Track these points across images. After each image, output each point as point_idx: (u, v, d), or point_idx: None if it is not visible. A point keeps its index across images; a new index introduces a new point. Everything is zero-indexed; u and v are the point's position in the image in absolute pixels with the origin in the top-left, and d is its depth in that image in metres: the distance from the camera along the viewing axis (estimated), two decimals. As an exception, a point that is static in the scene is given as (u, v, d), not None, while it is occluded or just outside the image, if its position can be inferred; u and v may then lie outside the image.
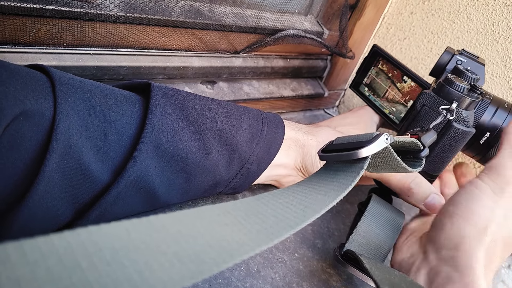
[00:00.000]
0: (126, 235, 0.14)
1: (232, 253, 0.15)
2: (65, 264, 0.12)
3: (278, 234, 0.17)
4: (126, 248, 0.13)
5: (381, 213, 0.33)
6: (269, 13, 0.45)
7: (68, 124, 0.23)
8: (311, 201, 0.21)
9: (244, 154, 0.31)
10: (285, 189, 0.24)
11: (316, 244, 0.36)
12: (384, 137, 0.23)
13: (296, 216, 0.19)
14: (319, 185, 0.23)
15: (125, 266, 0.13)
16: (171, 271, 0.13)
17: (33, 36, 0.31)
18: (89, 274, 0.12)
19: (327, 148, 0.26)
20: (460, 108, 0.31)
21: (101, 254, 0.13)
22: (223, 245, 0.15)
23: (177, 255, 0.14)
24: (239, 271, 0.31)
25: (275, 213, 0.19)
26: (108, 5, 0.33)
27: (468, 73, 0.33)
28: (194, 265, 0.14)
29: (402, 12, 0.52)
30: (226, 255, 0.15)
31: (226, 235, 0.16)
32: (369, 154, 0.23)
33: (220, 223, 0.17)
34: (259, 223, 0.18)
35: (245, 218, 0.18)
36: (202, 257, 0.14)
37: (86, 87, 0.25)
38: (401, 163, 0.25)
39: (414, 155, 0.27)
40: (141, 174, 0.26)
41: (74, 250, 0.13)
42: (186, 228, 0.16)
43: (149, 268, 0.13)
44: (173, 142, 0.27)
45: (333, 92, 0.59)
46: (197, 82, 0.44)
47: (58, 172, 0.23)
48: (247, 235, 0.16)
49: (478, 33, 0.45)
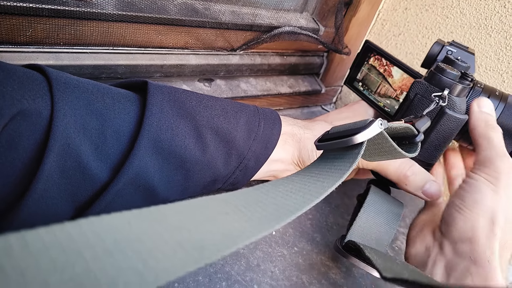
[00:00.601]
0: (127, 226, 0.14)
1: (234, 239, 0.15)
2: (68, 254, 0.12)
3: (279, 220, 0.17)
4: (128, 239, 0.14)
5: (381, 203, 0.33)
6: (264, 10, 0.45)
7: (66, 122, 0.23)
8: (310, 187, 0.21)
9: (241, 150, 0.31)
10: (284, 179, 0.24)
11: (315, 238, 0.37)
12: (378, 122, 0.24)
13: (296, 202, 0.19)
14: (317, 173, 0.24)
15: (128, 256, 0.13)
16: (174, 259, 0.13)
17: (30, 36, 0.31)
18: (93, 264, 0.12)
19: (323, 138, 0.27)
20: (452, 95, 0.32)
21: (104, 245, 0.13)
22: (224, 232, 0.15)
23: (179, 243, 0.14)
24: (239, 265, 0.31)
25: (275, 201, 0.19)
26: (104, 4, 0.33)
27: (459, 62, 0.33)
28: (196, 252, 0.14)
29: (397, 8, 0.52)
30: (228, 241, 0.15)
31: (227, 223, 0.16)
32: (364, 140, 0.23)
33: (221, 212, 0.17)
34: (259, 211, 0.18)
35: (245, 206, 0.18)
36: (204, 244, 0.14)
37: (83, 86, 0.26)
38: (397, 148, 0.25)
39: (409, 140, 0.27)
40: (139, 172, 0.26)
41: (76, 240, 0.13)
42: (187, 218, 0.16)
43: (152, 257, 0.13)
44: (171, 139, 0.27)
45: (330, 88, 0.59)
46: (195, 80, 0.44)
47: (57, 170, 0.23)
48: (248, 222, 0.17)
49: (471, 27, 0.46)
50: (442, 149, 0.35)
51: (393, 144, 0.25)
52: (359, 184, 0.46)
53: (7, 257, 0.11)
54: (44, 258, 0.12)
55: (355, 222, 0.32)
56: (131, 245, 0.13)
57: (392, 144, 0.25)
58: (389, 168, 0.35)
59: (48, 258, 0.12)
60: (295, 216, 0.18)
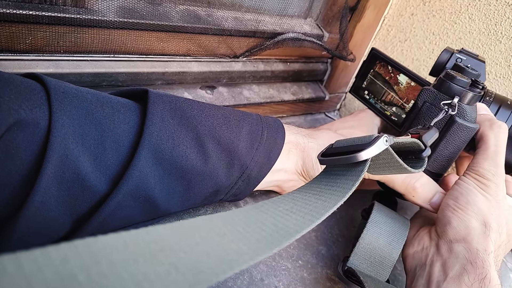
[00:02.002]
0: (123, 247, 0.14)
1: (231, 263, 0.15)
2: (62, 276, 0.12)
3: (278, 243, 0.17)
4: (124, 260, 0.13)
5: (385, 223, 0.32)
6: (268, 16, 0.44)
7: (64, 133, 0.23)
8: (311, 207, 0.21)
9: (244, 159, 0.30)
10: (285, 196, 0.23)
11: (320, 251, 0.35)
12: (384, 139, 0.23)
13: (296, 223, 0.19)
14: (319, 191, 0.23)
15: (123, 278, 0.13)
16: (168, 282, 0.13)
17: (30, 43, 0.30)
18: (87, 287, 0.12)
19: (326, 152, 0.26)
20: (462, 103, 0.31)
21: (99, 267, 0.13)
22: (221, 255, 0.15)
23: (174, 265, 0.14)
24: (242, 280, 0.30)
25: (275, 221, 0.19)
26: (105, 11, 0.32)
27: (469, 69, 0.32)
28: (192, 275, 0.13)
29: (403, 14, 0.51)
30: (224, 265, 0.14)
31: (225, 245, 0.16)
32: (368, 157, 0.23)
33: (219, 233, 0.17)
34: (258, 231, 0.18)
35: (243, 227, 0.18)
36: (200, 267, 0.14)
37: (82, 95, 0.25)
38: (402, 164, 0.24)
39: (415, 155, 0.26)
40: (139, 183, 0.25)
41: (71, 262, 0.12)
42: (184, 239, 0.16)
43: (147, 279, 0.13)
44: (172, 149, 0.27)
45: (334, 95, 0.59)
46: (197, 87, 0.43)
47: (55, 182, 0.23)
48: (246, 245, 0.16)
49: (480, 33, 0.45)
50: (452, 160, 0.33)
51: (399, 160, 0.24)
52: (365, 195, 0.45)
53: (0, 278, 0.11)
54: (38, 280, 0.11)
55: (358, 243, 0.31)
56: (126, 267, 0.13)
57: (398, 160, 0.24)
58: (396, 179, 0.34)
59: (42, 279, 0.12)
60: (294, 239, 0.17)
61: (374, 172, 0.26)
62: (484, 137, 0.31)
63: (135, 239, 0.15)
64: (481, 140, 0.31)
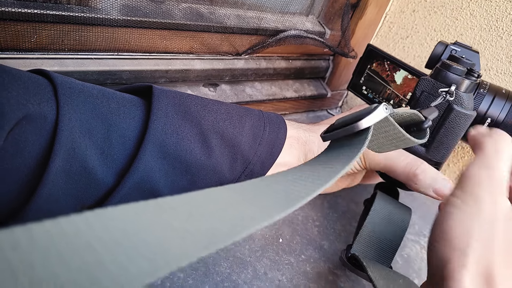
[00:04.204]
0: (134, 217, 0.14)
1: (245, 225, 0.15)
2: (76, 245, 0.12)
3: (291, 204, 0.17)
4: (136, 229, 0.13)
5: (387, 211, 0.32)
6: (270, 14, 0.44)
7: (71, 127, 0.23)
8: (319, 173, 0.21)
9: (247, 154, 0.31)
10: (292, 169, 0.24)
11: (323, 245, 0.36)
12: (383, 106, 0.23)
13: (306, 187, 0.19)
14: (326, 161, 0.23)
15: (137, 245, 0.13)
16: (184, 245, 0.13)
17: (35, 42, 0.31)
18: (102, 253, 0.12)
19: (328, 129, 0.26)
20: (459, 91, 0.31)
21: (112, 235, 0.13)
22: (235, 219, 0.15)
23: (188, 231, 0.14)
24: (246, 274, 0.30)
25: (285, 188, 0.19)
26: (109, 9, 0.33)
27: (464, 59, 0.33)
28: (207, 238, 0.14)
29: (404, 10, 0.52)
30: (239, 227, 0.14)
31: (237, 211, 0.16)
32: (370, 124, 0.23)
33: (231, 202, 0.17)
34: (269, 198, 0.18)
35: (255, 195, 0.18)
36: (215, 231, 0.14)
37: (88, 90, 0.25)
38: (405, 134, 0.24)
39: (417, 127, 0.26)
40: (145, 176, 0.26)
41: (84, 232, 0.13)
42: (196, 208, 0.16)
43: (161, 244, 0.13)
44: (177, 143, 0.27)
45: (336, 92, 0.59)
46: (200, 85, 0.44)
47: (62, 175, 0.23)
48: (259, 208, 0.16)
49: (482, 29, 0.45)
50: (451, 148, 0.34)
51: (401, 130, 0.24)
52: (366, 190, 0.45)
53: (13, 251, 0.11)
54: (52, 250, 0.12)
55: (360, 231, 0.31)
56: (140, 235, 0.13)
57: (399, 130, 0.24)
58: (397, 167, 0.34)
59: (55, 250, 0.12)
60: (306, 201, 0.17)
61: (379, 149, 0.27)
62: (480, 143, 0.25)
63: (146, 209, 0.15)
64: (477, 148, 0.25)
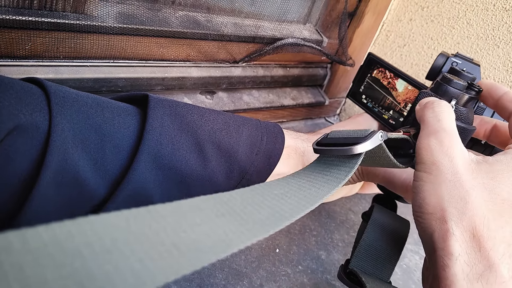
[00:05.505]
0: (125, 225, 0.14)
1: (229, 242, 0.15)
2: (66, 251, 0.12)
3: (274, 225, 0.17)
4: (126, 238, 0.14)
5: (385, 225, 0.32)
6: (267, 22, 0.44)
7: (64, 137, 0.23)
8: (305, 193, 0.21)
9: (244, 165, 0.30)
10: (280, 180, 0.24)
11: (320, 256, 0.35)
12: (379, 134, 0.23)
13: (291, 208, 0.19)
14: (313, 178, 0.23)
15: (126, 255, 0.13)
16: (170, 261, 0.13)
17: (29, 49, 0.30)
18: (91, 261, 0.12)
19: (321, 141, 0.26)
20: (459, 105, 0.31)
21: (102, 243, 0.13)
22: (220, 235, 0.15)
23: (175, 245, 0.14)
24: (241, 286, 0.30)
25: (271, 204, 0.19)
26: (104, 17, 0.32)
27: (465, 73, 0.33)
28: (192, 255, 0.14)
29: (401, 19, 0.52)
30: (223, 245, 0.15)
31: (223, 225, 0.16)
32: (363, 151, 0.23)
33: (217, 214, 0.17)
34: (255, 213, 0.18)
35: (241, 209, 0.18)
36: (200, 246, 0.14)
37: (82, 99, 0.25)
38: (392, 159, 0.25)
39: (404, 151, 0.27)
40: (139, 187, 0.25)
41: (75, 238, 0.13)
42: (184, 218, 0.16)
43: (149, 257, 0.13)
44: (172, 153, 0.26)
45: (333, 100, 0.59)
46: (196, 93, 0.43)
47: (53, 187, 0.23)
48: (243, 226, 0.17)
49: (479, 38, 0.45)
50: None
51: (390, 156, 0.24)
52: (364, 199, 0.45)
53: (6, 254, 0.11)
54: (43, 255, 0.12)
55: (359, 246, 0.31)
56: (129, 244, 0.14)
57: (388, 155, 0.24)
58: (396, 180, 0.33)
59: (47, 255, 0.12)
60: (290, 222, 0.18)
61: (363, 164, 0.27)
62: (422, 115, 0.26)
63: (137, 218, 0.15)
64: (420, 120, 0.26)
